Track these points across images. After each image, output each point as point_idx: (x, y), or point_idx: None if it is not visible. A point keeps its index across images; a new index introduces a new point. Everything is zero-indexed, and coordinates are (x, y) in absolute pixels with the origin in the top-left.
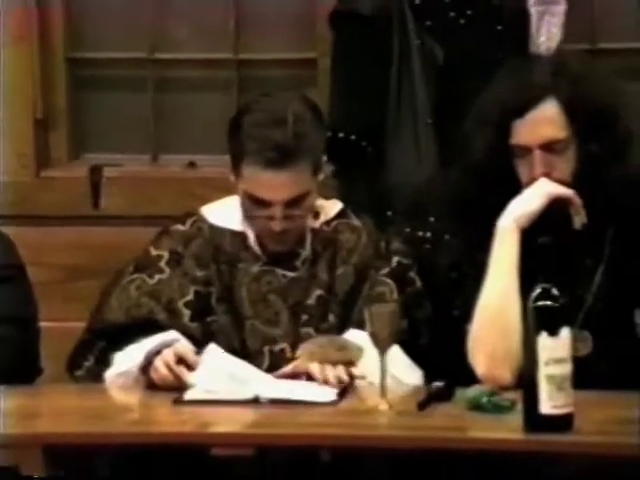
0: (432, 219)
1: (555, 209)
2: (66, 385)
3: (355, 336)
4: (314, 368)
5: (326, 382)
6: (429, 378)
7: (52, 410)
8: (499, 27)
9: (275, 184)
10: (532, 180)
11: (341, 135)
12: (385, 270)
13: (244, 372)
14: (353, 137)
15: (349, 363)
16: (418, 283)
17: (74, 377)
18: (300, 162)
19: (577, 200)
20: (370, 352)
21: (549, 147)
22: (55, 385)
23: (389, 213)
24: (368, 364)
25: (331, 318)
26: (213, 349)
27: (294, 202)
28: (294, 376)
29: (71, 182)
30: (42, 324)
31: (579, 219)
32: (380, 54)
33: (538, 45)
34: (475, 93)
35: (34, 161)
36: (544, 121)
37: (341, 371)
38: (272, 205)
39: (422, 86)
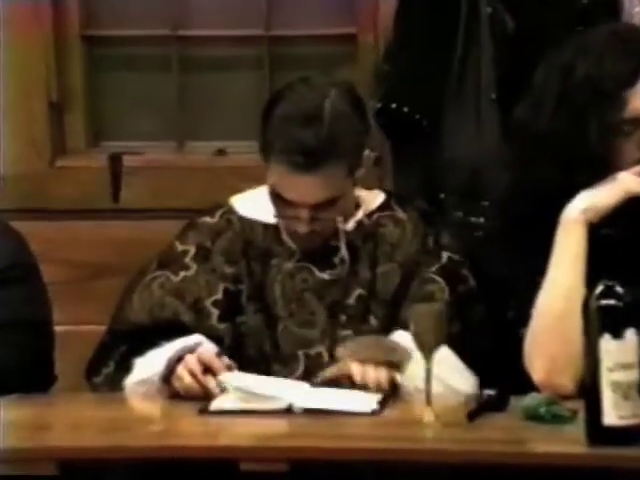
0: (486, 203)
1: (631, 204)
2: (83, 394)
3: (402, 338)
4: (353, 368)
5: (364, 384)
6: (482, 386)
7: (67, 421)
8: (584, 1)
9: (301, 188)
10: None
11: (393, 106)
12: (435, 267)
13: (275, 382)
14: (406, 109)
15: (395, 367)
16: (471, 282)
17: (92, 384)
18: (331, 166)
19: None
20: (419, 355)
21: None
22: (71, 394)
23: (442, 195)
24: (417, 369)
25: (372, 320)
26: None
27: (324, 204)
28: (336, 380)
29: (88, 172)
30: (57, 328)
31: None
32: (445, 20)
33: (632, 15)
34: (554, 69)
35: (48, 149)
36: None
37: (383, 375)
38: (298, 206)
39: (489, 58)
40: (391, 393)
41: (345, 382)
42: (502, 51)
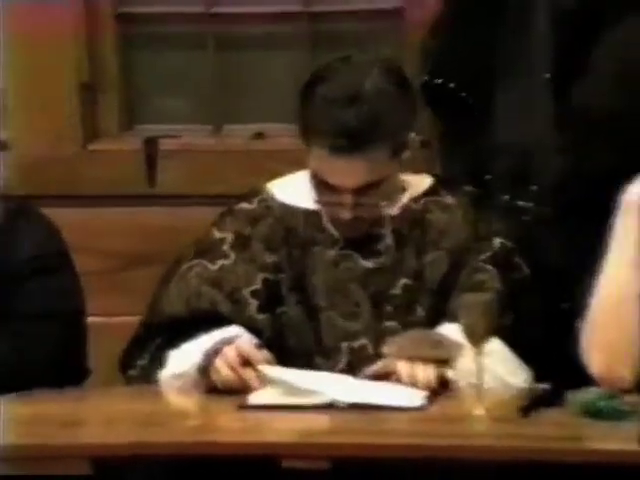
0: (534, 188)
1: None
2: (116, 388)
3: (451, 331)
4: (401, 367)
5: (413, 384)
6: (536, 380)
7: (100, 417)
8: None
9: (344, 171)
10: None
11: (439, 81)
12: (485, 254)
13: (317, 376)
14: (452, 85)
15: (444, 363)
16: (525, 270)
17: (127, 377)
18: (375, 147)
19: None
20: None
21: None
22: (104, 388)
23: (487, 177)
24: (469, 365)
25: (419, 310)
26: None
27: (367, 189)
28: (382, 377)
29: (122, 156)
30: (90, 319)
31: None
32: None
33: None
34: (614, 48)
35: (80, 132)
36: None
37: (432, 373)
38: (341, 191)
39: (544, 34)
40: (441, 391)
41: (391, 380)
42: (558, 28)
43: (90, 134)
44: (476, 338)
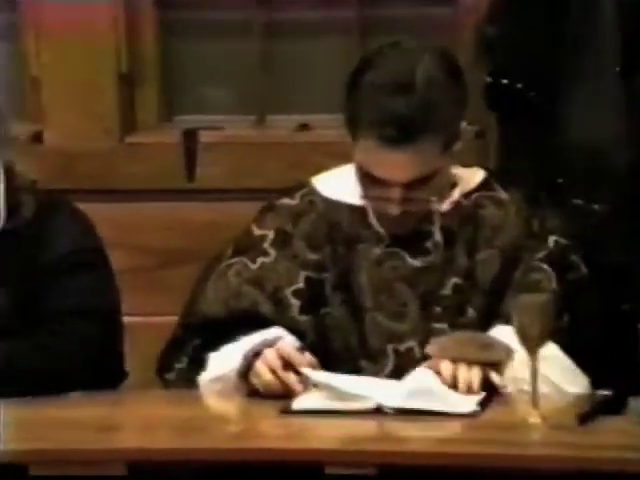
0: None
1: None
2: (153, 391)
3: (503, 334)
4: (444, 367)
5: (454, 387)
6: (596, 386)
7: (137, 421)
8: None
9: (393, 164)
10: None
11: (504, 82)
12: (541, 253)
13: (363, 380)
14: (519, 85)
15: (493, 366)
16: (582, 269)
17: (164, 381)
18: (426, 139)
19: None
20: (523, 354)
21: None
22: (141, 391)
23: (560, 180)
24: (521, 370)
25: (470, 311)
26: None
27: (417, 183)
28: None
29: (161, 149)
30: (126, 319)
31: None
32: None
33: None
34: None
35: (117, 124)
36: None
37: (476, 375)
38: (390, 185)
39: (612, 26)
40: (488, 395)
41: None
42: (628, 18)
43: (128, 127)
44: (530, 341)
